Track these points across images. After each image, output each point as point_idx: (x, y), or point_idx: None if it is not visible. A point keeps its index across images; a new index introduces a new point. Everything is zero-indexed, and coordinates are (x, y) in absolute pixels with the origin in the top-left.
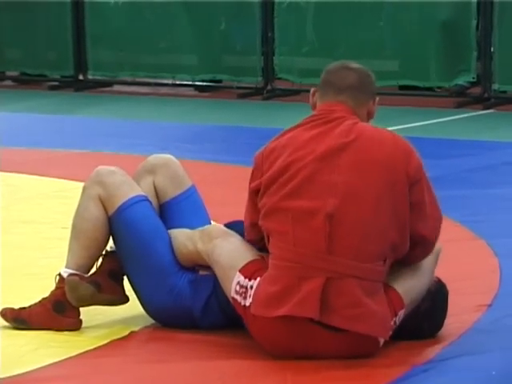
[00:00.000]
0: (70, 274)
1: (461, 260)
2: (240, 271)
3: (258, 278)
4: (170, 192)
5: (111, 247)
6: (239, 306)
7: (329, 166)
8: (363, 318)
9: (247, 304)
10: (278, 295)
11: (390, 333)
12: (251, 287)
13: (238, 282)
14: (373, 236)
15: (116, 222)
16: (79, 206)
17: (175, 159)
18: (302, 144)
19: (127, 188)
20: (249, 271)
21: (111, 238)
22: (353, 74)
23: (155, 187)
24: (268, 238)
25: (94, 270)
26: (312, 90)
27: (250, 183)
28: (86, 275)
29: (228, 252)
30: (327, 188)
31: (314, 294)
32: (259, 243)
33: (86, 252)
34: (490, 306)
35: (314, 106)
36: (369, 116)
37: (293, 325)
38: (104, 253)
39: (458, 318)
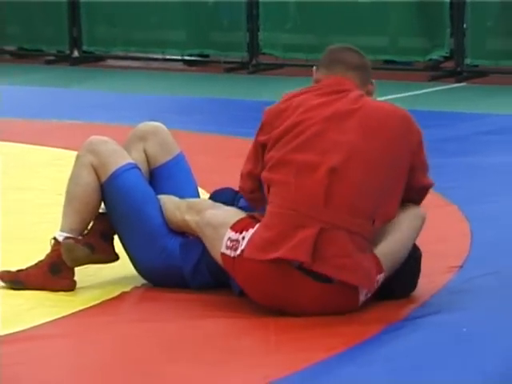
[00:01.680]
0: (66, 238)
1: (434, 224)
2: (231, 228)
3: (250, 230)
4: (160, 158)
5: (102, 208)
6: (228, 260)
7: (336, 126)
8: (351, 268)
9: (237, 254)
10: (273, 240)
11: (375, 287)
12: (243, 238)
13: (229, 238)
14: (367, 195)
15: (108, 188)
16: (72, 173)
17: (164, 126)
18: (313, 107)
19: (119, 156)
20: (239, 226)
21: (103, 203)
22: (359, 56)
23: (146, 153)
24: (268, 189)
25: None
26: (314, 67)
27: (257, 136)
28: (80, 238)
29: (219, 214)
30: (332, 145)
31: (307, 241)
32: (250, 194)
33: (79, 216)
34: (461, 267)
35: (316, 81)
36: (368, 95)
37: (282, 270)
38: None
39: (431, 278)
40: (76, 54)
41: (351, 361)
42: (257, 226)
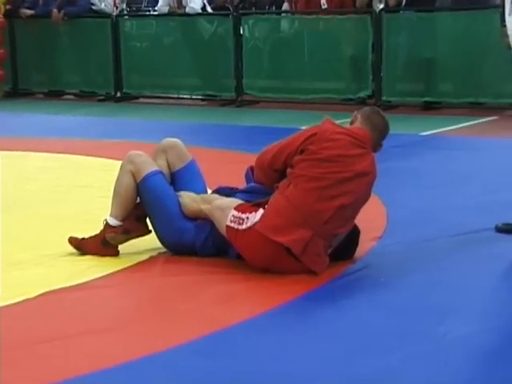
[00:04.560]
0: (110, 226)
1: (362, 208)
2: (234, 208)
3: (253, 213)
4: (177, 165)
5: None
6: (231, 231)
7: (358, 181)
8: (318, 262)
9: (243, 228)
10: (280, 227)
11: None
12: (247, 218)
13: (233, 215)
14: (347, 225)
15: (141, 187)
16: (118, 176)
17: (180, 141)
18: (350, 156)
19: (148, 165)
20: (240, 208)
21: (138, 197)
22: (386, 129)
23: (167, 161)
24: (289, 184)
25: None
26: (356, 112)
27: (304, 142)
28: (120, 223)
29: (225, 201)
30: (351, 191)
31: (303, 240)
32: (273, 172)
33: (121, 206)
34: (380, 237)
35: (352, 121)
36: (375, 151)
37: (276, 247)
38: None
39: (360, 245)
40: (118, 94)
41: (313, 298)
42: (260, 210)
